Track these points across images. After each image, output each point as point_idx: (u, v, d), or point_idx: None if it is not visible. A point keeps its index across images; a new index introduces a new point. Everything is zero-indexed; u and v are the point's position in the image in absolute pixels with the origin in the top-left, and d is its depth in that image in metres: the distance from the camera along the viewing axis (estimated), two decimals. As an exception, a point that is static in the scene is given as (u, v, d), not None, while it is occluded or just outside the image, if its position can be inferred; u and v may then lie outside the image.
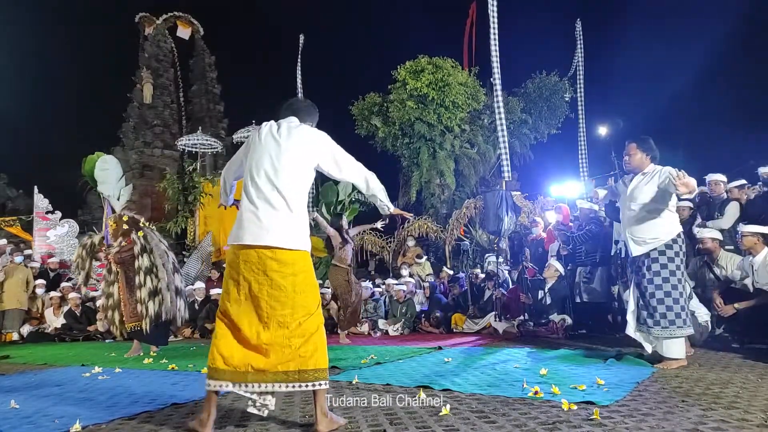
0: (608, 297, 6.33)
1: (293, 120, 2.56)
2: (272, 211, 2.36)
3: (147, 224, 6.13)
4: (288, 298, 2.34)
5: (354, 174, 2.61)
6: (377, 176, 2.69)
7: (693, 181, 3.45)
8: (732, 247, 5.53)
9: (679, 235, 3.81)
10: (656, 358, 3.78)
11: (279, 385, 2.31)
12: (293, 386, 2.31)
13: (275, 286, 2.33)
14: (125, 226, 5.88)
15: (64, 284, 9.58)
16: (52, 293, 9.32)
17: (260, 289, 2.33)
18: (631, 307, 3.96)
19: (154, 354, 5.78)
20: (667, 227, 3.80)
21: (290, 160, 2.41)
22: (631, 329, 3.94)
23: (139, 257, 5.74)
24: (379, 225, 6.84)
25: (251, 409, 2.37)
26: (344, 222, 7.06)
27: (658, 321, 3.74)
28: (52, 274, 10.61)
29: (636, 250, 3.89)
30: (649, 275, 3.79)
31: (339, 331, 6.88)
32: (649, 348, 3.87)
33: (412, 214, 3.59)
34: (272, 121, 2.55)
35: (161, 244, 5.99)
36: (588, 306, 6.26)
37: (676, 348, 3.70)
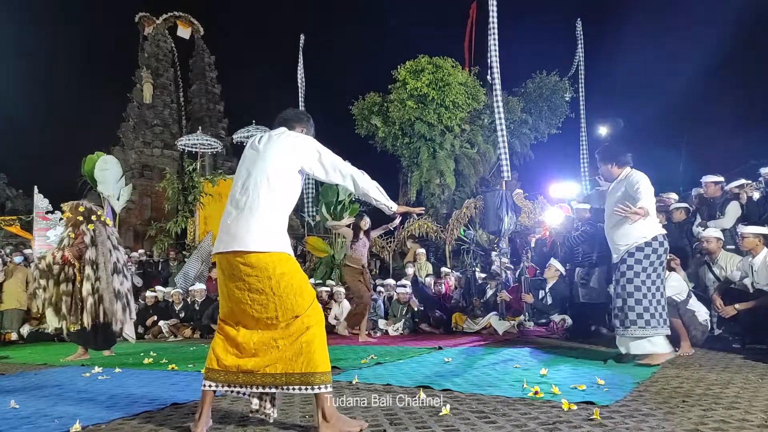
0: (607, 297, 6.31)
1: (280, 129, 2.54)
2: (240, 215, 2.30)
3: (104, 218, 5.93)
4: (269, 301, 2.29)
5: (340, 175, 2.46)
6: (378, 176, 2.60)
7: (643, 209, 3.49)
8: (732, 247, 5.52)
9: (655, 238, 3.73)
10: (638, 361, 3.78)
11: (268, 387, 2.28)
12: (282, 389, 2.27)
13: (254, 290, 2.29)
14: (79, 218, 5.73)
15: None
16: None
17: (242, 294, 2.31)
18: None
19: (115, 355, 5.76)
20: (639, 232, 3.73)
21: (265, 164, 2.36)
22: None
23: (88, 249, 5.63)
24: (392, 227, 6.85)
25: (253, 415, 2.40)
26: (365, 222, 6.88)
27: (622, 324, 3.76)
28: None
29: (614, 258, 3.95)
30: (619, 278, 3.83)
31: (357, 330, 6.96)
32: (623, 350, 3.88)
33: (422, 209, 3.34)
34: (259, 134, 2.58)
35: (108, 241, 5.77)
36: (586, 306, 6.25)
37: (650, 346, 3.71)
